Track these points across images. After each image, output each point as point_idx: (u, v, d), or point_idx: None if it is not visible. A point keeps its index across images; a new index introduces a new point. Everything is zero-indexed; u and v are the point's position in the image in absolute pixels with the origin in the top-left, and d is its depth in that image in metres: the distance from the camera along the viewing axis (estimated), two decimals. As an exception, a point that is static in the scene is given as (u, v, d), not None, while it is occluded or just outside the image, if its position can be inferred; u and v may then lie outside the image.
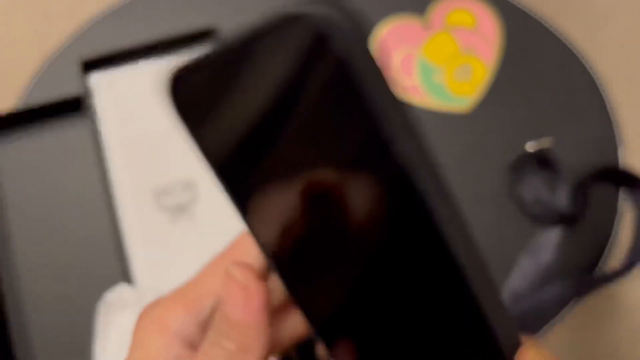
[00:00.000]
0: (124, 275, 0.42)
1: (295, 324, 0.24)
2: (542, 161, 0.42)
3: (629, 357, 0.45)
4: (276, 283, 0.22)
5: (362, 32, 0.15)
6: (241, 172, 0.21)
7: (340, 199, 0.18)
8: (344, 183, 0.18)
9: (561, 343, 0.45)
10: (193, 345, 0.23)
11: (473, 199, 0.46)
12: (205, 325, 0.23)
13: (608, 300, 0.45)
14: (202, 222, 0.43)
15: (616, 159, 0.47)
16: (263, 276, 0.23)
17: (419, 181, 0.16)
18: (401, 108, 0.16)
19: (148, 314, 0.25)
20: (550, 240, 0.41)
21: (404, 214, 0.17)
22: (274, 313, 0.23)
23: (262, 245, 0.21)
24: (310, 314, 0.21)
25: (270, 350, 0.22)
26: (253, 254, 0.23)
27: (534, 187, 0.42)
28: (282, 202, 0.20)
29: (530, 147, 0.42)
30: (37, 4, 0.50)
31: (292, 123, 0.17)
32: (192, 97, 0.21)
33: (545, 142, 0.40)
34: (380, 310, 0.20)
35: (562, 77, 0.48)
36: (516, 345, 0.20)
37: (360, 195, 0.18)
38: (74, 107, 0.46)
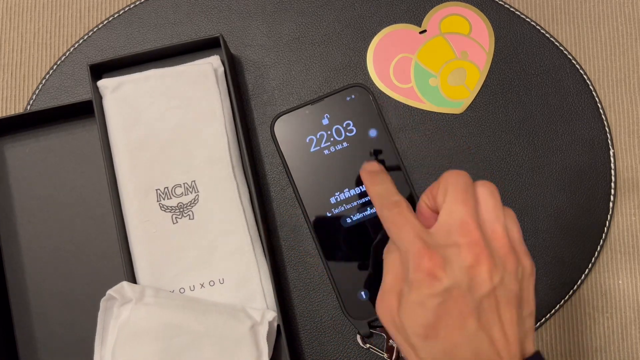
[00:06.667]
0: (126, 272, 0.41)
1: None
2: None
3: (620, 352, 0.44)
4: None
5: (372, 91, 0.46)
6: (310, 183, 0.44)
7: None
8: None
9: (553, 338, 0.44)
10: None
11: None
12: None
13: (599, 296, 0.44)
14: (202, 222, 0.42)
15: (606, 160, 0.46)
16: None
17: None
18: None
19: None
20: None
21: None
22: None
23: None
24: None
25: None
26: None
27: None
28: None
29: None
30: (46, 9, 0.50)
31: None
32: (286, 131, 0.45)
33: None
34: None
35: (554, 80, 0.47)
36: None
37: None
38: (82, 110, 0.45)
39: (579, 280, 0.44)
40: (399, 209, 0.31)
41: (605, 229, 0.45)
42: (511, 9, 0.48)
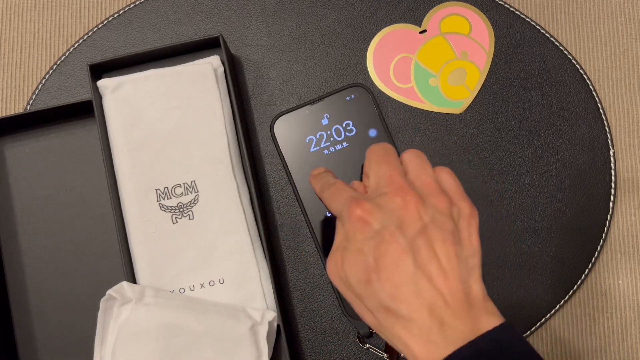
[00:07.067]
0: (126, 272, 0.41)
1: None
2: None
3: (620, 352, 0.44)
4: None
5: (372, 91, 0.45)
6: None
7: None
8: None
9: (553, 338, 0.44)
10: None
11: (467, 198, 0.45)
12: None
13: (599, 296, 0.44)
14: (202, 222, 0.42)
15: (606, 160, 0.46)
16: None
17: None
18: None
19: None
20: None
21: None
22: None
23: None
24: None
25: None
26: None
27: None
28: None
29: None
30: (46, 9, 0.50)
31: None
32: (286, 131, 0.44)
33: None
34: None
35: (554, 80, 0.47)
36: None
37: None
38: (82, 110, 0.45)
39: (579, 280, 0.44)
40: (335, 185, 0.33)
41: (605, 229, 0.45)
42: (511, 9, 0.48)
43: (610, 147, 0.46)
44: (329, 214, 0.43)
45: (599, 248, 0.44)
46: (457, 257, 0.28)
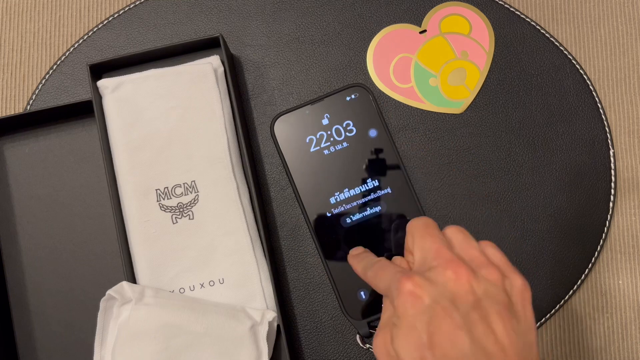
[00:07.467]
0: (126, 272, 0.41)
1: None
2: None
3: (620, 352, 0.44)
4: None
5: (372, 91, 0.45)
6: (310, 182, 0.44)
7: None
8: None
9: (553, 338, 0.44)
10: None
11: (466, 197, 0.45)
12: None
13: (599, 296, 0.44)
14: (202, 223, 0.42)
15: (606, 160, 0.46)
16: None
17: None
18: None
19: None
20: None
21: None
22: None
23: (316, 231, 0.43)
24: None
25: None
26: None
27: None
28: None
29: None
30: (46, 9, 0.50)
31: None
32: (286, 131, 0.44)
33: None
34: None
35: (554, 79, 0.47)
36: None
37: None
38: (82, 110, 0.45)
39: (579, 280, 0.44)
40: (379, 263, 0.33)
41: (605, 229, 0.45)
42: (511, 9, 0.48)
43: (610, 147, 0.46)
44: (329, 214, 0.43)
45: (599, 248, 0.44)
46: (514, 331, 0.27)
